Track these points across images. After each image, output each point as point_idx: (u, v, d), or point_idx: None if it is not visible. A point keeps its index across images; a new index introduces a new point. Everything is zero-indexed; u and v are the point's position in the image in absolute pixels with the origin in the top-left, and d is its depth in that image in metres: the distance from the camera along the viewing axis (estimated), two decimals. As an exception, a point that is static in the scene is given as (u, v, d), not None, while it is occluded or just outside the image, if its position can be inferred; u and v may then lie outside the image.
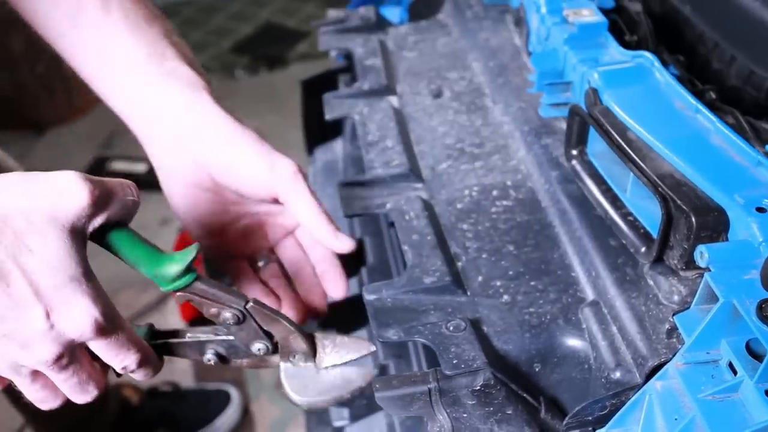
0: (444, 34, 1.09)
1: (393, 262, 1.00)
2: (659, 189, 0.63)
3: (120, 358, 0.59)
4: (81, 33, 0.69)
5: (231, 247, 0.75)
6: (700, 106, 0.69)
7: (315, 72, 1.22)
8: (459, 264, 0.74)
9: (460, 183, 0.83)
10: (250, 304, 0.63)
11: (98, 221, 0.55)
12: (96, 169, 2.58)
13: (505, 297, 0.70)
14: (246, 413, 1.86)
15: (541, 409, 0.64)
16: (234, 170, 0.70)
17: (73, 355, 0.56)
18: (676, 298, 0.63)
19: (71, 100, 2.83)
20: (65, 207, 0.52)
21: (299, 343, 0.65)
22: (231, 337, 0.64)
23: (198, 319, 2.00)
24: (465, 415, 0.62)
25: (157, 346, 0.64)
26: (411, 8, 1.20)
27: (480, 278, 0.72)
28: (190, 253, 0.60)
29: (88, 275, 0.54)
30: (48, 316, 0.52)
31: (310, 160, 1.30)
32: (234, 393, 1.84)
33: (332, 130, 1.27)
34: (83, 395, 0.60)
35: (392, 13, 1.41)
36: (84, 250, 0.55)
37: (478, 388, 0.61)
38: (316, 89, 1.27)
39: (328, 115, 0.95)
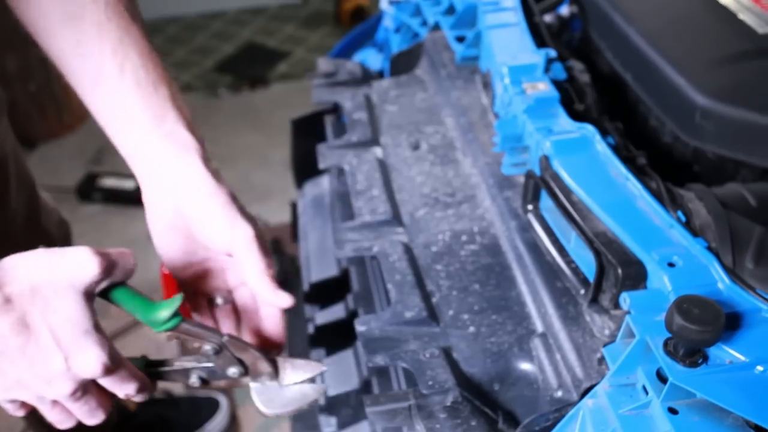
0: (421, 90, 1.24)
1: (375, 290, 1.15)
2: (594, 244, 0.79)
3: (122, 388, 0.74)
4: (100, 90, 0.81)
5: (195, 285, 0.87)
6: (630, 175, 0.85)
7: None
8: (434, 300, 0.89)
9: (435, 228, 0.98)
10: (226, 338, 0.77)
11: (104, 284, 0.71)
12: (87, 184, 2.70)
13: (471, 328, 0.85)
14: (234, 419, 2.00)
15: (498, 421, 0.79)
16: (203, 225, 0.80)
17: (86, 389, 0.72)
18: (606, 332, 0.79)
19: (61, 117, 2.96)
20: (81, 276, 0.68)
21: (265, 367, 0.78)
22: (211, 364, 0.78)
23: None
24: (438, 426, 0.77)
25: (151, 374, 0.78)
26: (393, 61, 1.35)
27: (451, 312, 0.88)
28: (176, 301, 0.74)
29: (96, 328, 0.70)
30: (66, 360, 0.68)
31: (299, 193, 1.44)
32: (223, 400, 1.98)
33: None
34: (93, 419, 0.76)
35: (374, 60, 1.56)
36: (93, 307, 0.70)
37: (449, 404, 0.76)
38: (304, 128, 1.42)
39: (322, 165, 1.10)
